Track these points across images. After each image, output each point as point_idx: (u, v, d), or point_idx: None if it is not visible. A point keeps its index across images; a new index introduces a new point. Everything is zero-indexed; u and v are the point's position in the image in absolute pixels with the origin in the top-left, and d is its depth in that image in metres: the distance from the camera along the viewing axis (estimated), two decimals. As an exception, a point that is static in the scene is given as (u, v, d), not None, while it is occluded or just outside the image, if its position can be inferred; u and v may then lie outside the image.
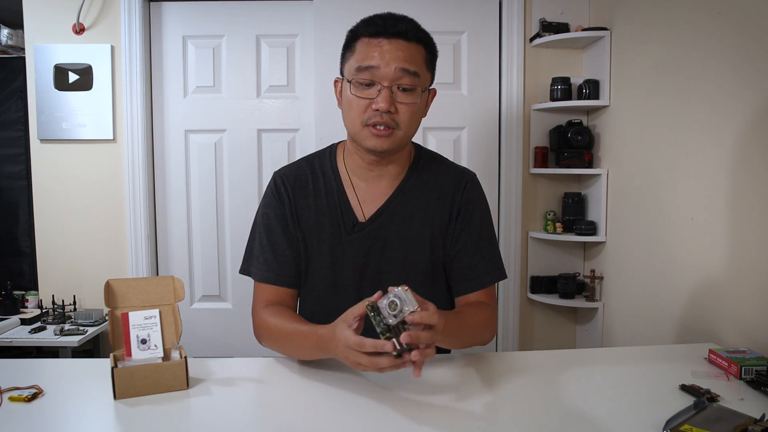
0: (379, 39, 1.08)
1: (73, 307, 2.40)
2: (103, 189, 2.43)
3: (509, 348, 2.47)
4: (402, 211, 1.19)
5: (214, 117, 2.47)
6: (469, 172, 1.27)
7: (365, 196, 1.20)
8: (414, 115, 1.12)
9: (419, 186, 1.21)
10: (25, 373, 1.09)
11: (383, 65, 1.07)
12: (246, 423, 0.92)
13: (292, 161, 1.29)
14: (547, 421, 0.91)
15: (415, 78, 1.09)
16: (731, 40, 1.51)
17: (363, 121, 1.10)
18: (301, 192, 1.21)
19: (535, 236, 2.46)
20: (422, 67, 1.11)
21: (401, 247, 1.19)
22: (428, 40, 1.14)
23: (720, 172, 1.54)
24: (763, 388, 1.03)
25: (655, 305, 1.90)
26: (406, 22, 1.11)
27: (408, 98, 1.09)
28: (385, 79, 1.07)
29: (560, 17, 2.39)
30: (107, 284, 1.04)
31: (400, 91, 1.08)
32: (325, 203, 1.19)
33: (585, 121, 2.41)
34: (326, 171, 1.22)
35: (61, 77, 2.37)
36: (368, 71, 1.08)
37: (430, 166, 1.24)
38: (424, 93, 1.13)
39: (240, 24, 2.44)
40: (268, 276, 1.19)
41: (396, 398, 0.98)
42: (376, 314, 0.89)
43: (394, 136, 1.11)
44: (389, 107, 1.07)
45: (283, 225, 1.19)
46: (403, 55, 1.07)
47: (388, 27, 1.09)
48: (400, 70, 1.07)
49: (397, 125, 1.10)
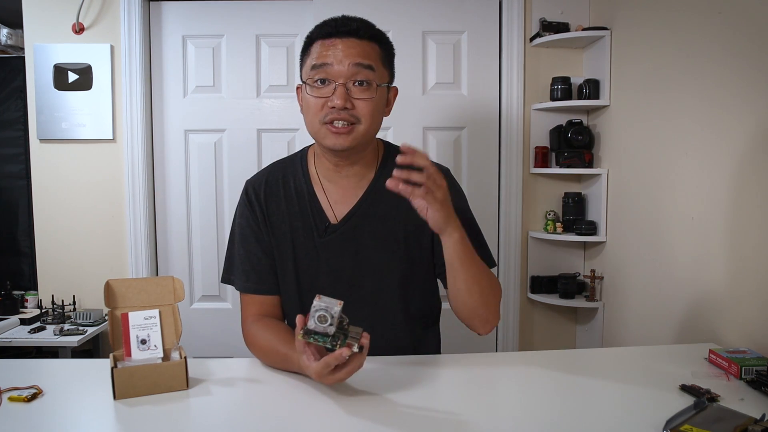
0: (332, 39, 1.10)
1: (73, 307, 2.40)
2: (103, 189, 2.43)
3: (509, 348, 2.47)
4: (374, 211, 1.19)
5: (213, 117, 2.47)
6: (441, 166, 1.23)
7: (336, 198, 1.20)
8: (374, 110, 1.11)
9: None
10: (25, 373, 1.09)
11: (336, 63, 1.08)
12: (246, 423, 0.91)
13: (262, 168, 1.30)
14: (547, 421, 0.91)
15: (370, 71, 1.09)
16: (731, 40, 1.51)
17: (320, 119, 1.10)
18: (272, 198, 1.22)
19: (535, 236, 2.46)
20: (377, 62, 1.11)
21: (375, 247, 1.18)
22: (382, 37, 1.15)
23: (720, 172, 1.54)
24: (763, 388, 1.03)
25: (655, 305, 1.90)
26: (358, 21, 1.12)
27: (364, 93, 1.09)
28: (340, 76, 1.08)
29: (560, 17, 2.39)
30: (107, 284, 1.04)
31: (356, 86, 1.09)
32: (297, 208, 1.20)
33: (585, 120, 2.41)
34: (297, 175, 1.23)
35: (61, 77, 2.37)
36: (322, 69, 1.09)
37: None
38: (381, 88, 1.12)
39: (240, 24, 2.44)
40: (249, 286, 1.22)
41: (395, 398, 0.98)
42: (315, 336, 0.90)
43: (355, 132, 1.10)
44: (345, 103, 1.07)
45: (256, 234, 1.21)
46: (355, 52, 1.08)
47: (339, 27, 1.10)
48: (354, 66, 1.08)
49: (357, 120, 1.09)
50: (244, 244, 1.22)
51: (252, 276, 1.21)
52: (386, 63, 1.15)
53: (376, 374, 1.08)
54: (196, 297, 2.52)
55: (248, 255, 1.22)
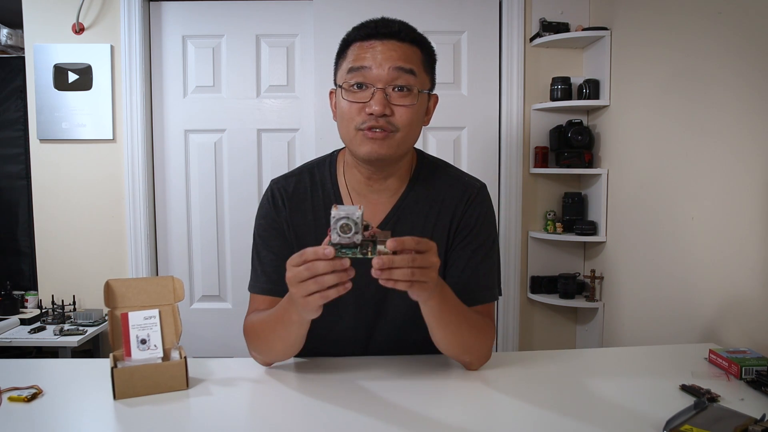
0: (371, 41, 1.03)
1: (73, 307, 2.40)
2: (103, 189, 2.43)
3: (509, 348, 2.47)
4: (400, 228, 1.11)
5: (213, 117, 2.47)
6: (475, 184, 1.17)
7: (365, 212, 1.15)
8: (413, 117, 1.03)
9: (419, 201, 1.13)
10: (25, 373, 1.09)
11: (375, 66, 1.01)
12: (246, 423, 0.92)
13: (290, 170, 1.22)
14: (547, 421, 0.91)
15: (412, 76, 1.02)
16: (731, 39, 1.51)
17: (356, 125, 1.03)
18: (299, 207, 1.14)
19: (535, 236, 2.46)
20: (419, 66, 1.04)
21: None
22: (424, 41, 1.07)
23: (720, 171, 1.54)
24: (763, 388, 1.03)
25: (655, 305, 1.90)
26: (399, 23, 1.05)
27: (405, 99, 1.02)
28: (379, 81, 1.01)
29: (560, 17, 2.39)
30: (107, 284, 1.04)
31: (395, 92, 1.02)
32: (324, 220, 1.13)
33: (585, 121, 2.41)
34: (326, 184, 1.15)
35: (61, 77, 2.37)
36: (360, 72, 1.02)
37: (432, 178, 1.16)
38: (422, 95, 1.05)
39: (240, 24, 2.44)
40: (259, 286, 1.14)
41: (394, 398, 0.98)
42: (344, 249, 0.81)
43: (392, 140, 1.02)
44: (384, 110, 1.00)
45: (278, 235, 1.14)
46: (396, 55, 1.01)
47: (379, 28, 1.03)
48: (395, 70, 1.01)
49: (395, 128, 1.02)
50: (264, 244, 1.15)
51: (263, 277, 1.14)
52: (428, 68, 1.07)
53: (376, 374, 1.08)
54: (196, 297, 2.52)
55: (267, 254, 1.14)
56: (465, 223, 1.12)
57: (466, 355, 1.08)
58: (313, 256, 0.83)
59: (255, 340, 1.09)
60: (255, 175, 2.48)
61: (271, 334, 1.04)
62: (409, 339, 1.18)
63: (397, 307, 1.14)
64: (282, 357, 1.12)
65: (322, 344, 1.17)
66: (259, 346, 1.09)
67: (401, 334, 1.17)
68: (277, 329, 1.02)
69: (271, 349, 1.09)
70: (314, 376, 1.08)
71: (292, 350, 1.07)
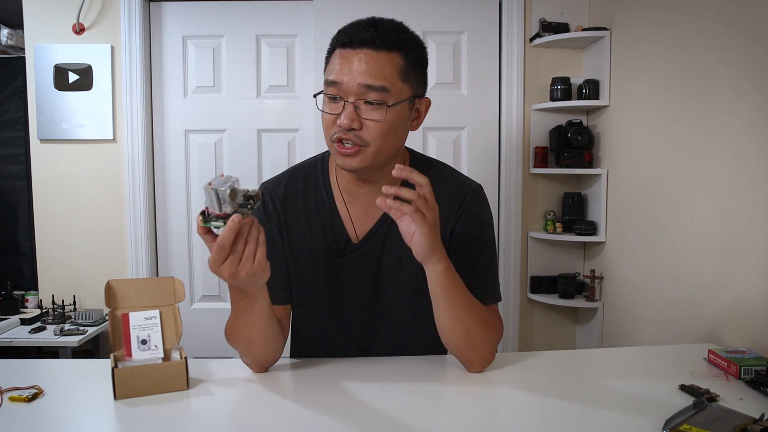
0: (346, 50, 1.00)
1: (73, 307, 2.40)
2: (103, 189, 2.43)
3: (509, 348, 2.47)
4: (395, 229, 1.07)
5: (214, 117, 2.47)
6: (470, 185, 1.15)
7: (357, 213, 1.12)
8: (385, 132, 1.00)
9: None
10: (25, 373, 1.09)
11: (346, 80, 0.98)
12: (246, 423, 0.92)
13: (280, 173, 1.20)
14: (547, 421, 0.92)
15: (383, 92, 0.98)
16: (731, 39, 1.51)
17: (330, 136, 1.02)
18: (292, 210, 1.13)
19: (535, 236, 2.46)
20: (393, 78, 0.99)
21: (394, 266, 1.12)
22: (408, 45, 1.02)
23: (720, 171, 1.55)
24: (762, 388, 1.03)
25: (655, 305, 1.90)
26: (377, 28, 0.99)
27: (374, 114, 0.99)
28: (349, 95, 0.98)
29: (560, 17, 2.39)
30: (108, 285, 1.04)
31: (366, 105, 0.99)
32: (318, 223, 1.13)
33: (585, 121, 2.41)
34: (318, 185, 1.14)
35: (61, 77, 2.37)
36: (333, 86, 1.00)
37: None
38: (398, 106, 1.01)
39: (240, 24, 2.44)
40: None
41: (394, 398, 0.98)
42: (212, 221, 0.91)
43: (364, 154, 1.00)
44: (351, 123, 0.98)
45: (270, 242, 1.09)
46: (367, 68, 0.97)
47: (353, 36, 0.99)
48: (363, 86, 0.97)
49: (365, 142, 1.00)
50: None
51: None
52: (410, 75, 1.02)
53: (376, 374, 1.09)
54: (197, 297, 2.52)
55: None
56: (461, 226, 1.11)
57: (469, 350, 1.06)
58: (200, 231, 0.91)
59: (232, 339, 1.07)
60: (255, 175, 2.48)
61: (242, 326, 1.03)
62: (408, 345, 1.18)
63: (391, 310, 1.14)
64: (264, 351, 1.08)
65: (322, 347, 1.17)
66: (237, 342, 1.07)
67: (401, 340, 1.17)
68: (240, 318, 1.02)
69: (249, 342, 1.05)
70: (314, 377, 1.08)
71: (269, 343, 1.05)
